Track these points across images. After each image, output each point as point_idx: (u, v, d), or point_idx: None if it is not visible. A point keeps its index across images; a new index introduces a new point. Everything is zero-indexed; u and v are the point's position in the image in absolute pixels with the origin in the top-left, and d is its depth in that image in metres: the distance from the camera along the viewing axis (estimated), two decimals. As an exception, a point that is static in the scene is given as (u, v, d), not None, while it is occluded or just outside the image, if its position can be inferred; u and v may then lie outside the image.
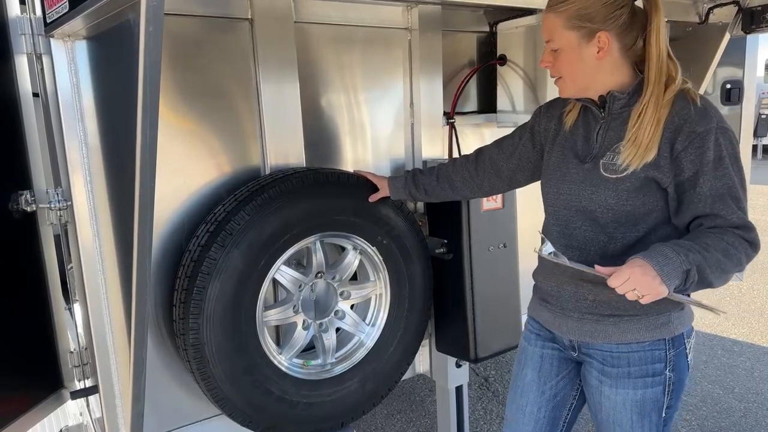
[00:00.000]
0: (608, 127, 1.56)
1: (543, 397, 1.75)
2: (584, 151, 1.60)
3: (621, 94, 1.53)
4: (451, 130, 2.67)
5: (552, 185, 1.66)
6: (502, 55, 2.77)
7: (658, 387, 1.57)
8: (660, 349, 1.56)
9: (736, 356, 4.02)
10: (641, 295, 1.34)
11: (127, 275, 1.62)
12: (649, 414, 1.58)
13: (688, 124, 1.43)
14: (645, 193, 1.49)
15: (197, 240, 1.90)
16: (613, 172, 1.51)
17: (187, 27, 1.93)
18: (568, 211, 1.61)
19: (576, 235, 1.59)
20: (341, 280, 2.25)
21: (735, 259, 1.40)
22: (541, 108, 1.81)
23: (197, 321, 1.85)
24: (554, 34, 1.53)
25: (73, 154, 1.79)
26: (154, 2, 1.08)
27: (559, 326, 1.67)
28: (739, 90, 3.28)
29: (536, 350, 1.77)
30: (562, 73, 1.56)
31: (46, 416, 2.06)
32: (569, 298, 1.62)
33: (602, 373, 1.60)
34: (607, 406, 1.61)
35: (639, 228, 1.51)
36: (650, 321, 1.55)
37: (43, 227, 1.95)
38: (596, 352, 1.61)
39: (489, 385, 3.74)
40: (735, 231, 1.42)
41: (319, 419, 2.17)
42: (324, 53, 2.26)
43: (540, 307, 1.74)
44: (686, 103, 1.46)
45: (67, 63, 1.72)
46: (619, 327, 1.56)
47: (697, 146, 1.42)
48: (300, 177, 2.01)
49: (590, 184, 1.55)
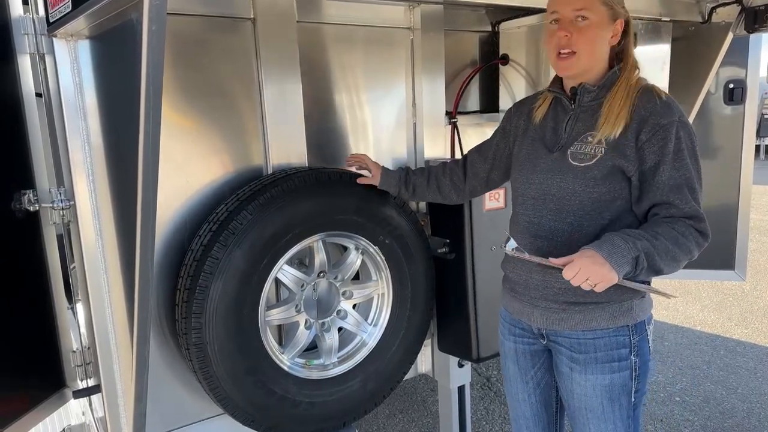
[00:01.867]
0: (577, 118, 1.63)
1: (528, 386, 1.84)
2: (552, 142, 1.67)
3: (592, 87, 1.60)
4: (453, 129, 2.67)
5: (522, 175, 1.72)
6: (505, 55, 2.77)
7: (625, 372, 1.63)
8: (624, 335, 1.62)
9: (739, 357, 4.01)
10: (593, 283, 1.41)
11: (130, 274, 1.62)
12: (618, 398, 1.64)
13: (653, 117, 1.51)
14: (611, 181, 1.55)
15: (200, 239, 1.90)
16: (580, 160, 1.58)
17: (189, 26, 1.93)
18: (536, 200, 1.67)
19: (543, 224, 1.65)
20: (343, 279, 2.25)
21: (684, 248, 1.48)
22: (512, 107, 1.89)
23: (200, 320, 1.85)
24: (592, 4, 1.54)
25: (75, 154, 1.79)
26: (157, 2, 1.08)
27: (527, 315, 1.73)
28: (741, 90, 3.27)
29: (510, 345, 1.85)
30: (579, 47, 1.56)
31: (48, 415, 2.06)
32: (537, 287, 1.67)
33: (571, 360, 1.66)
34: (579, 393, 1.67)
35: (604, 216, 1.57)
36: (614, 308, 1.61)
37: (46, 227, 1.95)
38: (564, 340, 1.67)
39: (491, 385, 3.73)
40: (686, 221, 1.51)
41: (321, 419, 2.17)
42: (326, 53, 2.26)
43: (510, 297, 1.80)
44: (652, 97, 1.55)
45: (69, 62, 1.73)
46: (585, 315, 1.62)
47: (660, 138, 1.50)
48: (302, 176, 2.01)
49: (558, 172, 1.61)
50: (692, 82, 2.98)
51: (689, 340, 4.28)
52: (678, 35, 2.92)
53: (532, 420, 1.86)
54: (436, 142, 2.55)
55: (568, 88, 1.66)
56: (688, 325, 4.58)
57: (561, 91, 1.68)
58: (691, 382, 3.68)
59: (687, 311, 4.83)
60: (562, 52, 1.57)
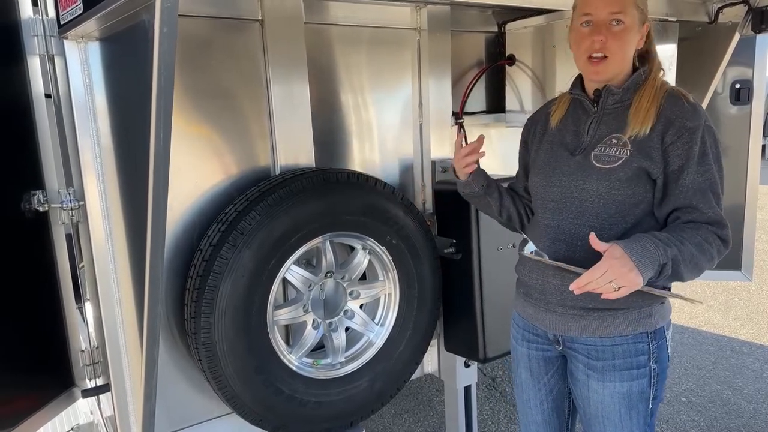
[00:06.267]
0: (600, 121, 1.60)
1: (540, 392, 1.80)
2: (574, 144, 1.63)
3: (617, 89, 1.57)
4: (459, 130, 2.68)
5: (542, 178, 1.68)
6: (511, 55, 2.77)
7: (643, 379, 1.59)
8: (643, 341, 1.59)
9: (745, 357, 4.00)
10: (617, 287, 1.35)
11: (140, 274, 1.63)
12: (636, 405, 1.60)
13: (679, 119, 1.48)
14: (635, 183, 1.52)
15: (209, 239, 1.91)
16: (605, 162, 1.54)
17: (198, 28, 1.94)
18: (557, 203, 1.62)
19: (563, 227, 1.61)
20: (351, 279, 2.25)
21: (708, 255, 1.45)
22: (527, 121, 1.85)
23: (209, 320, 1.86)
24: (628, 7, 1.50)
25: (85, 155, 1.80)
26: (169, 4, 1.09)
27: (543, 321, 1.69)
28: (748, 90, 3.26)
29: (523, 350, 1.81)
30: (612, 51, 1.52)
31: (57, 414, 2.07)
32: (554, 292, 1.62)
33: (588, 367, 1.63)
34: (596, 400, 1.63)
35: (627, 219, 1.54)
36: (633, 315, 1.57)
37: (55, 227, 1.96)
38: (581, 347, 1.63)
39: (497, 385, 3.73)
40: (709, 227, 1.47)
41: (328, 418, 2.18)
42: (333, 54, 2.27)
43: (524, 302, 1.75)
44: (678, 99, 1.52)
45: (80, 64, 1.74)
46: (603, 321, 1.58)
47: (685, 141, 1.47)
48: (310, 177, 2.02)
49: (582, 174, 1.57)
50: (699, 83, 2.98)
51: (695, 341, 4.28)
52: (685, 35, 2.91)
53: (543, 426, 1.83)
54: (442, 142, 2.55)
55: (590, 91, 1.62)
56: (693, 325, 4.57)
57: (582, 93, 1.64)
58: (697, 382, 3.67)
59: (693, 311, 4.82)
60: (594, 56, 1.53)
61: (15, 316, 1.87)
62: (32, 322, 1.94)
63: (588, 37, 1.52)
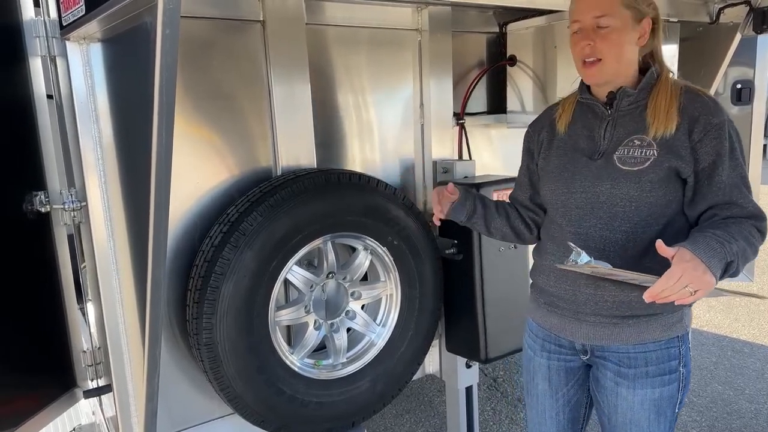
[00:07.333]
0: (615, 124, 1.56)
1: (558, 403, 1.75)
2: (590, 149, 1.58)
3: (632, 90, 1.53)
4: (460, 130, 2.68)
5: (561, 184, 1.62)
6: (512, 56, 2.77)
7: (673, 384, 1.57)
8: (675, 346, 1.56)
9: (746, 357, 4.00)
10: (694, 290, 1.27)
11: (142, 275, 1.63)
12: (665, 411, 1.58)
13: (704, 116, 1.45)
14: (667, 183, 1.48)
15: (210, 240, 1.91)
16: (632, 164, 1.49)
17: (199, 29, 1.95)
18: (582, 210, 1.57)
19: (592, 234, 1.55)
20: (352, 280, 2.26)
21: (754, 249, 1.41)
22: (528, 128, 1.80)
23: (210, 320, 1.86)
24: (612, 9, 1.49)
25: (87, 156, 1.81)
26: (171, 5, 1.09)
27: (570, 331, 1.64)
28: (749, 90, 3.26)
29: (542, 361, 1.74)
30: (604, 54, 1.50)
31: (59, 415, 2.08)
32: (587, 302, 1.57)
33: (618, 375, 1.59)
34: (624, 407, 1.60)
35: (659, 221, 1.50)
36: (666, 320, 1.55)
37: (57, 227, 1.96)
38: (612, 355, 1.59)
39: (498, 385, 3.73)
40: (749, 221, 1.44)
41: (330, 418, 2.18)
42: (335, 55, 2.27)
43: (547, 312, 1.69)
44: (697, 96, 1.49)
45: (82, 65, 1.74)
46: (638, 328, 1.55)
47: (713, 137, 1.45)
48: (311, 178, 2.02)
49: (608, 178, 1.52)
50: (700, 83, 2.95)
51: (696, 341, 4.27)
52: (686, 36, 2.91)
53: None
54: (443, 143, 2.56)
55: (601, 95, 1.58)
56: (695, 325, 4.57)
57: (591, 97, 1.60)
58: (698, 383, 3.67)
59: (694, 312, 4.81)
60: (587, 61, 1.52)
61: (17, 317, 1.87)
62: (34, 322, 1.94)
63: (579, 43, 1.53)
